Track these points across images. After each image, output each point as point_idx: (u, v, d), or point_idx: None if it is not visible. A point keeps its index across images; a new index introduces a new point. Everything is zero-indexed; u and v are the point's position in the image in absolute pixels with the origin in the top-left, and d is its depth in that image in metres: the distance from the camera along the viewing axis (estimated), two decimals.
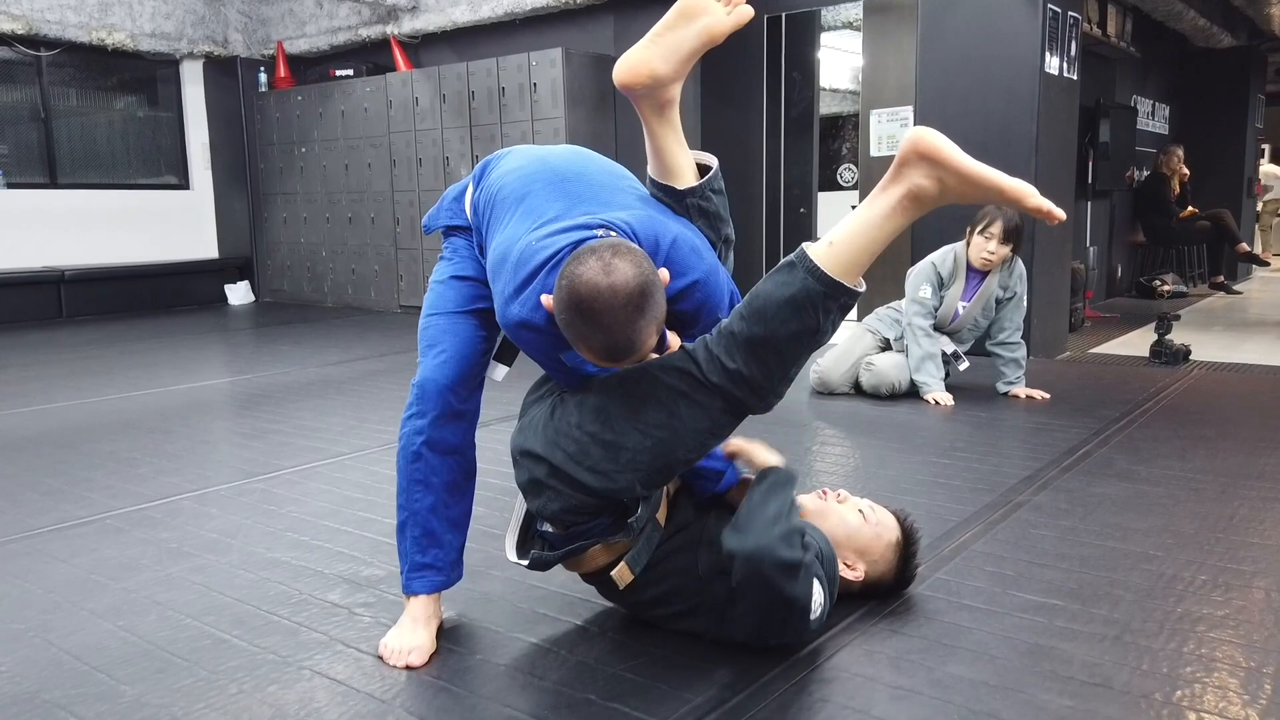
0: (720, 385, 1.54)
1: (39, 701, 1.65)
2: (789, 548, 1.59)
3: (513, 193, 1.72)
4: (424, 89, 7.25)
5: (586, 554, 1.75)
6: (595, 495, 1.63)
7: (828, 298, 1.51)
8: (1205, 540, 2.31)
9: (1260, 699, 1.58)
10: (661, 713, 1.55)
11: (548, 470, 1.64)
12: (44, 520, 2.64)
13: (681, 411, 1.56)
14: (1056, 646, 1.76)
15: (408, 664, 1.75)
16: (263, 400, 4.29)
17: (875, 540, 1.91)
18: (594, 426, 1.60)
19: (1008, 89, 4.83)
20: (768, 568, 1.58)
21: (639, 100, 1.64)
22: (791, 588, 1.60)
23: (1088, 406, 3.82)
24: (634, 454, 1.58)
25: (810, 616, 1.67)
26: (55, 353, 5.91)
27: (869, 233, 1.54)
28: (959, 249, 3.97)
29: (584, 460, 1.60)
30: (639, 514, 1.70)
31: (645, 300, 1.48)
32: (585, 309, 1.46)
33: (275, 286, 8.74)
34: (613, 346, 1.50)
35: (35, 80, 7.66)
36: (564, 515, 1.68)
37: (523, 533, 1.85)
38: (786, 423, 3.66)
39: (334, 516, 2.62)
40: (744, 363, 1.52)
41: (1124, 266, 8.06)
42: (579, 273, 1.47)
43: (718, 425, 1.59)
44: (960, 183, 1.51)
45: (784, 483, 1.71)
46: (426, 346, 1.83)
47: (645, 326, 1.49)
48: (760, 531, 1.60)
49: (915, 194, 1.52)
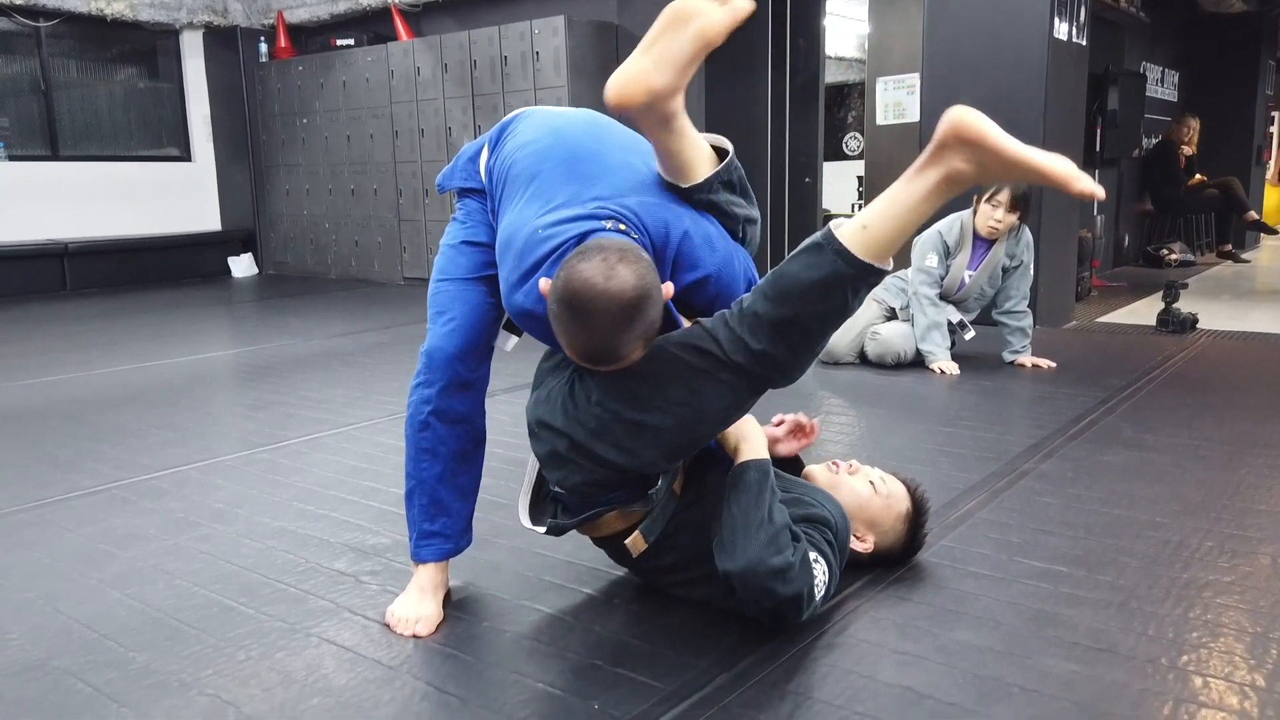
0: (745, 365, 1.52)
1: (49, 669, 1.66)
2: (777, 553, 1.59)
3: (524, 170, 1.68)
4: (425, 58, 7.20)
5: (602, 520, 1.75)
6: (618, 471, 1.62)
7: (858, 279, 1.48)
8: (1211, 507, 2.31)
9: (1266, 663, 1.58)
10: (669, 679, 1.56)
11: (569, 445, 1.63)
12: (51, 491, 2.65)
13: (704, 389, 1.54)
14: (1062, 613, 1.77)
15: (415, 633, 1.75)
16: (268, 372, 4.29)
17: (885, 512, 1.91)
18: (615, 404, 1.57)
19: (1016, 55, 4.77)
20: (763, 579, 1.59)
21: (639, 118, 1.53)
22: (789, 589, 1.61)
23: (1094, 375, 3.81)
24: (656, 431, 1.56)
25: (816, 597, 1.67)
26: (60, 326, 5.91)
27: (904, 215, 1.49)
28: (966, 217, 3.94)
29: (606, 437, 1.59)
30: (659, 486, 1.70)
31: (638, 313, 1.45)
32: (576, 307, 1.44)
33: (279, 259, 8.73)
34: (594, 351, 1.48)
35: (35, 52, 7.61)
36: (584, 487, 1.68)
37: (535, 495, 1.84)
38: (792, 392, 3.64)
39: (339, 486, 2.62)
40: (769, 343, 1.50)
41: (1131, 235, 8.01)
42: (580, 269, 1.44)
43: (740, 401, 1.58)
44: (1001, 165, 1.47)
45: (756, 483, 1.67)
46: (436, 313, 1.81)
47: (632, 339, 1.47)
48: (746, 546, 1.60)
49: (954, 177, 1.48)
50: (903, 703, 1.48)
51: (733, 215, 1.69)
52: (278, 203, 8.59)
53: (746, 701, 1.49)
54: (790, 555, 1.61)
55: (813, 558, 1.68)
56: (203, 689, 1.57)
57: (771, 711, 1.46)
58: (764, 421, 1.91)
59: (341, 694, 1.55)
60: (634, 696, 1.51)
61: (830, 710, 1.46)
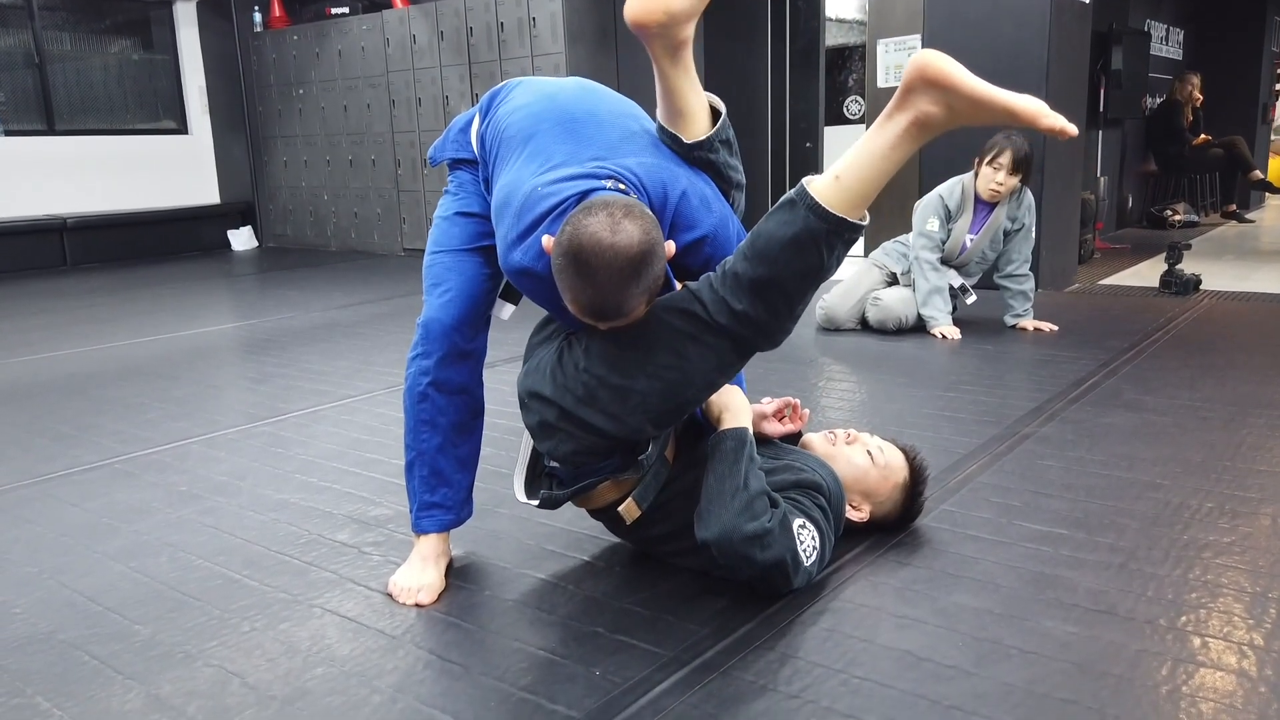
0: (728, 327, 1.51)
1: (54, 642, 1.67)
2: (751, 520, 1.60)
3: (520, 131, 1.68)
4: (421, 26, 7.12)
5: (595, 490, 1.76)
6: (607, 437, 1.62)
7: (831, 234, 1.47)
8: (1212, 468, 2.30)
9: (1265, 623, 1.58)
10: (669, 644, 1.57)
11: (558, 414, 1.63)
12: (54, 465, 2.66)
13: (689, 353, 1.54)
14: (1061, 575, 1.77)
15: (417, 602, 1.76)
16: (269, 345, 4.29)
17: (882, 482, 1.91)
18: (601, 370, 1.58)
19: (1018, 15, 4.71)
20: (739, 546, 1.60)
21: (651, 40, 1.54)
22: (768, 554, 1.61)
23: (1096, 338, 3.79)
24: (643, 396, 1.56)
25: (804, 564, 1.67)
26: (61, 300, 5.91)
27: (875, 164, 1.49)
28: (967, 180, 3.90)
29: (593, 404, 1.59)
30: (649, 452, 1.70)
31: (644, 268, 1.45)
32: (582, 262, 1.43)
33: (278, 231, 8.70)
34: (600, 306, 1.47)
35: (27, 24, 7.53)
36: (575, 457, 1.68)
37: (530, 471, 1.85)
38: (793, 359, 3.65)
39: (341, 458, 2.63)
40: (750, 305, 1.49)
41: (1135, 196, 7.95)
42: (585, 224, 1.44)
43: (725, 364, 1.57)
44: (970, 106, 1.46)
45: (733, 451, 1.68)
46: (431, 285, 1.81)
47: (637, 294, 1.47)
48: (720, 514, 1.61)
49: (922, 121, 1.47)
50: (902, 665, 1.48)
51: (727, 178, 1.68)
52: (276, 175, 8.55)
53: (746, 666, 1.50)
54: (766, 521, 1.61)
55: (799, 523, 1.68)
56: (208, 660, 1.59)
57: (771, 676, 1.47)
58: (754, 401, 1.91)
59: (345, 664, 1.56)
60: (634, 662, 1.52)
61: (829, 674, 1.47)
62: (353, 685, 1.50)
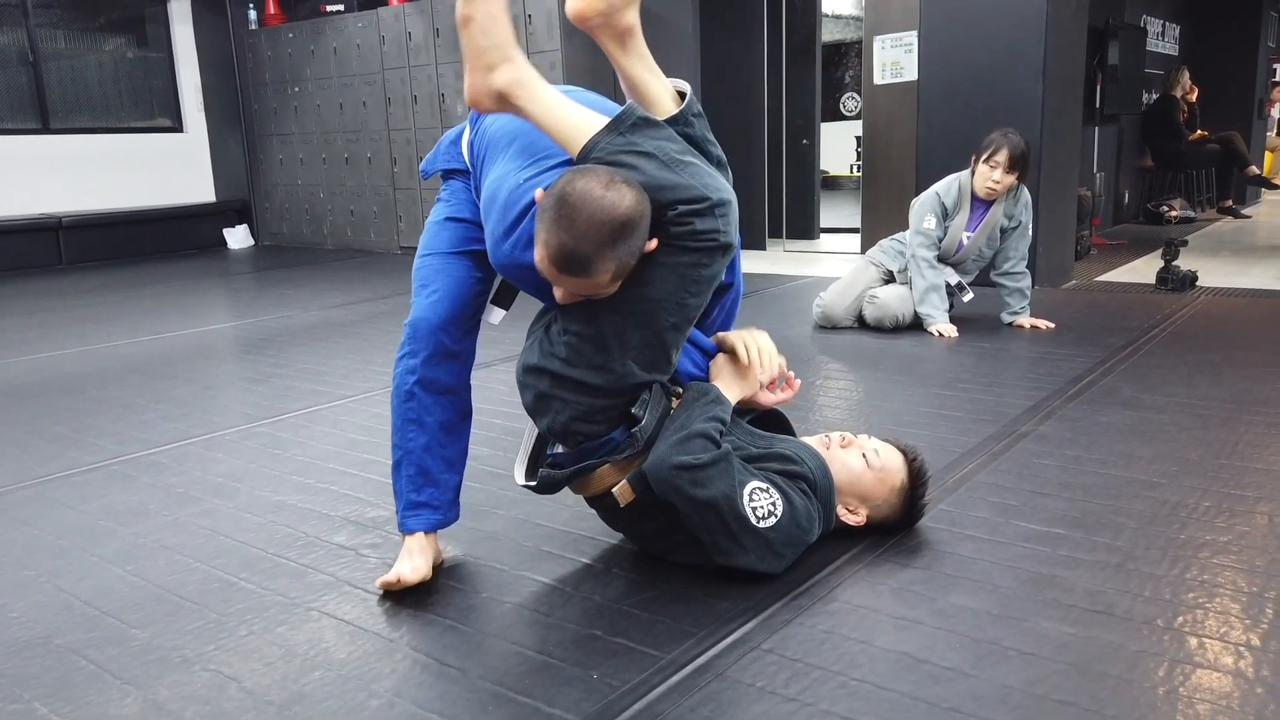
0: (680, 223, 1.55)
1: (52, 646, 1.67)
2: (683, 452, 1.63)
3: (505, 133, 1.72)
4: (417, 23, 7.10)
5: (595, 475, 1.76)
6: (601, 393, 1.66)
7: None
8: (1209, 467, 2.31)
9: (1262, 623, 1.58)
10: (667, 646, 1.57)
11: (550, 381, 1.68)
12: (52, 467, 2.66)
13: (649, 277, 1.58)
14: (1059, 575, 1.77)
15: (399, 577, 1.77)
16: (266, 344, 4.29)
17: (878, 486, 1.90)
18: (577, 325, 1.64)
19: (1015, 10, 4.71)
20: (668, 475, 1.64)
21: (597, 32, 1.61)
22: (700, 491, 1.63)
23: (1093, 335, 3.80)
24: (619, 335, 1.62)
25: (753, 523, 1.67)
26: (57, 300, 5.90)
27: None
28: (964, 178, 3.90)
29: (579, 361, 1.65)
30: (644, 422, 1.70)
31: (625, 233, 1.47)
32: (568, 205, 1.46)
33: (274, 229, 8.69)
34: (570, 254, 1.48)
35: (22, 22, 7.51)
36: (574, 425, 1.71)
37: (532, 460, 1.87)
38: (790, 357, 3.63)
39: (339, 459, 2.63)
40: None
41: (1131, 192, 7.96)
42: (582, 175, 1.49)
43: (686, 280, 1.59)
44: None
45: (691, 400, 1.74)
46: (419, 286, 1.84)
47: (609, 257, 1.49)
48: (658, 446, 1.67)
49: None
50: (900, 667, 1.49)
51: (708, 153, 1.70)
52: (272, 173, 8.53)
53: (744, 669, 1.50)
54: (697, 456, 1.63)
55: (756, 484, 1.70)
56: (205, 664, 1.59)
57: (769, 679, 1.47)
58: None
59: (343, 667, 1.56)
60: (632, 665, 1.52)
61: (828, 676, 1.47)
62: (350, 689, 1.50)
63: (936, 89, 5.01)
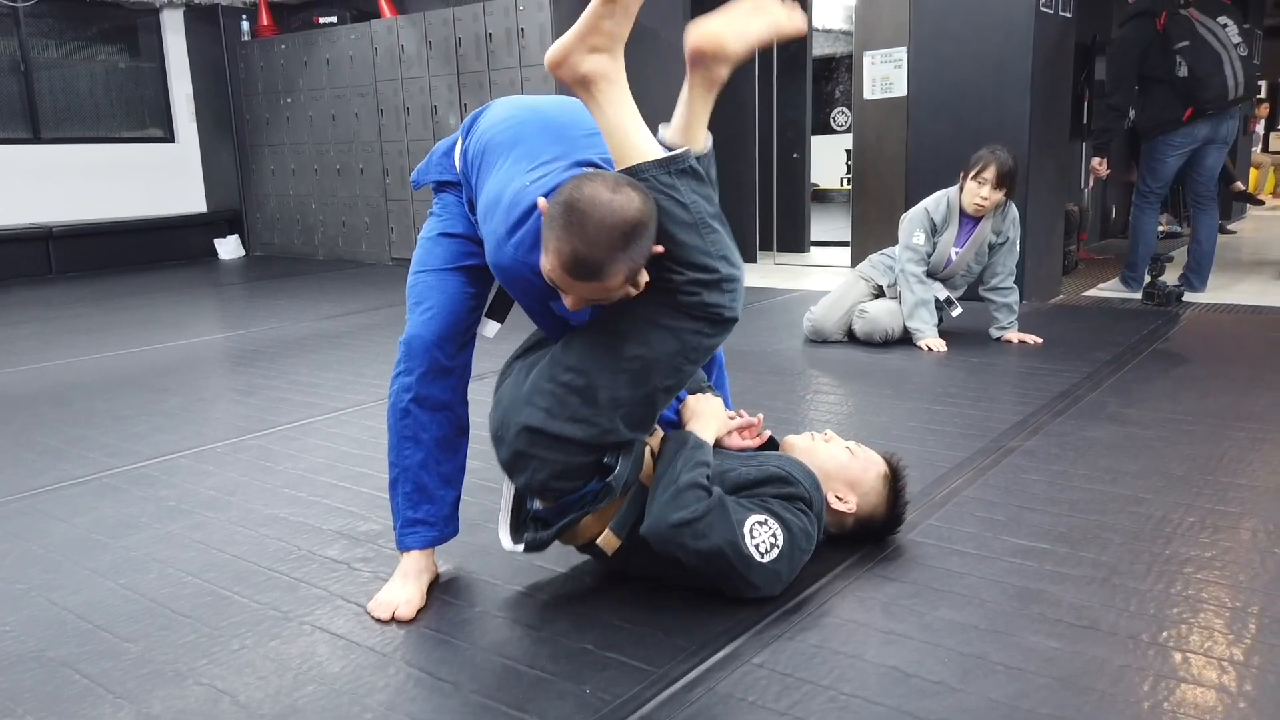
0: (689, 293, 1.55)
1: (44, 660, 1.67)
2: (677, 510, 1.64)
3: (505, 140, 1.71)
4: (410, 35, 7.13)
5: (579, 526, 1.76)
6: (582, 447, 1.64)
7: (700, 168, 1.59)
8: (1194, 482, 2.34)
9: (1245, 638, 1.61)
10: (658, 661, 1.58)
11: (528, 438, 1.65)
12: (42, 480, 2.65)
13: (651, 338, 1.58)
14: (1045, 590, 1.79)
15: (394, 615, 1.77)
16: (257, 356, 4.29)
17: (864, 472, 1.95)
18: (567, 376, 1.62)
19: (1003, 28, 4.76)
20: (668, 534, 1.65)
21: (697, 68, 1.58)
22: (703, 543, 1.65)
23: (1080, 350, 3.83)
24: (611, 391, 1.60)
25: (758, 559, 1.69)
26: (47, 310, 5.88)
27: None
28: (952, 194, 3.94)
29: (562, 413, 1.62)
30: (618, 470, 1.68)
31: (635, 235, 1.47)
32: (577, 211, 1.46)
33: (265, 240, 8.68)
34: (582, 259, 1.47)
35: (14, 31, 7.50)
36: (553, 483, 1.69)
37: (514, 517, 1.83)
38: (780, 371, 3.68)
39: (331, 472, 2.63)
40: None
41: (1119, 206, 8.03)
42: (587, 181, 1.49)
43: (687, 347, 1.59)
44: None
45: (673, 450, 1.73)
46: (414, 303, 1.84)
47: (621, 260, 1.48)
48: (651, 507, 1.67)
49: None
50: (888, 681, 1.50)
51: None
52: (263, 183, 8.53)
53: (735, 683, 1.51)
54: (693, 510, 1.64)
55: (756, 519, 1.70)
56: (198, 678, 1.59)
57: (760, 693, 1.48)
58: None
59: (335, 681, 1.57)
60: (624, 679, 1.53)
61: (818, 691, 1.48)
62: (343, 703, 1.51)
63: (926, 104, 5.06)
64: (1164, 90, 4.83)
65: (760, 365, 3.75)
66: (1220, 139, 5.02)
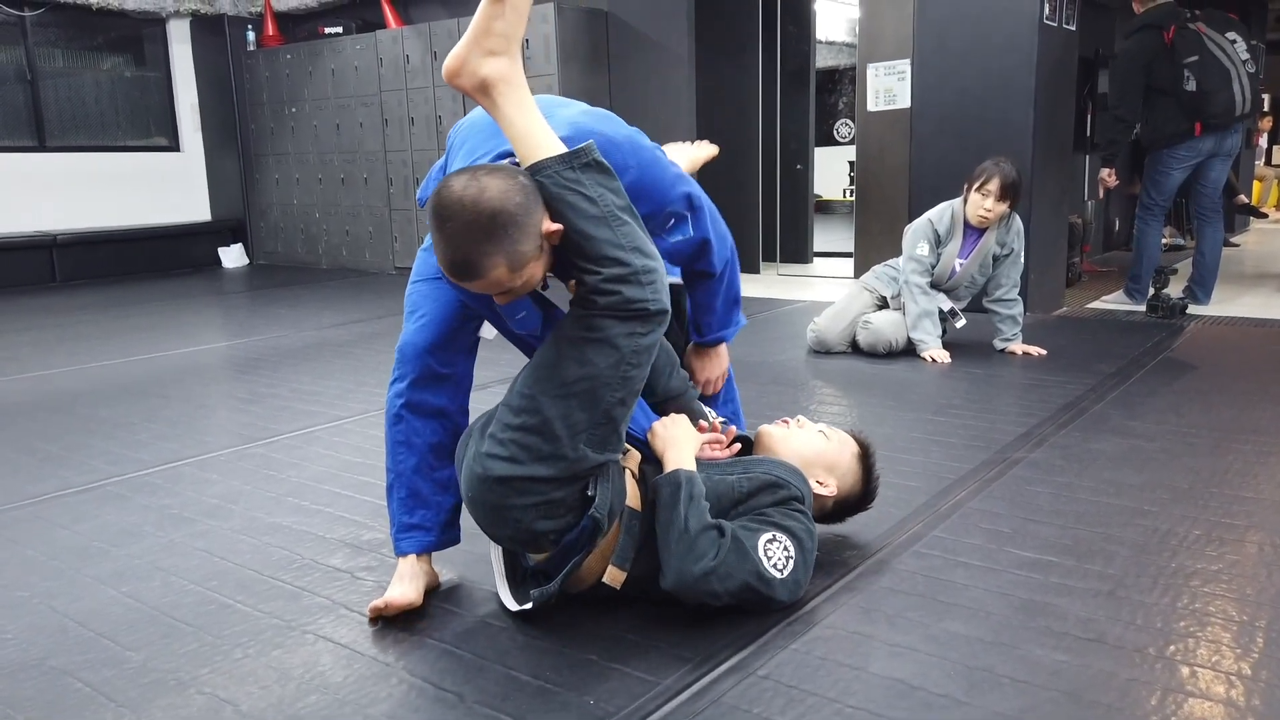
0: (608, 292, 1.52)
1: (46, 668, 1.66)
2: (696, 561, 1.63)
3: (461, 144, 1.75)
4: (415, 46, 7.16)
5: (583, 570, 1.72)
6: (555, 484, 1.60)
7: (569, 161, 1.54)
8: (1199, 495, 2.33)
9: (1253, 652, 1.60)
10: (662, 672, 1.57)
11: (499, 491, 1.61)
12: (44, 487, 2.65)
13: (587, 356, 1.55)
14: (1051, 602, 1.79)
15: (386, 602, 1.77)
16: (260, 364, 4.29)
17: (840, 454, 2.00)
18: (519, 419, 1.59)
19: (1006, 40, 4.77)
20: (696, 586, 1.64)
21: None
22: (729, 584, 1.65)
23: (1084, 362, 3.83)
24: (566, 421, 1.56)
25: (778, 577, 1.69)
26: (50, 318, 5.89)
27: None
28: (956, 206, 3.94)
29: (526, 457, 1.59)
30: (598, 500, 1.64)
31: (495, 226, 1.44)
32: (438, 215, 1.47)
33: (269, 248, 8.70)
34: (454, 263, 1.48)
35: (20, 40, 7.54)
36: (541, 524, 1.64)
37: (511, 576, 1.81)
38: (783, 381, 3.67)
39: (334, 480, 2.63)
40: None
41: (1122, 219, 8.03)
42: (449, 181, 1.48)
43: (625, 352, 1.56)
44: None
45: (669, 497, 1.68)
46: (409, 312, 1.87)
47: (494, 254, 1.46)
48: (669, 562, 1.66)
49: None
50: (894, 694, 1.49)
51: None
52: (267, 192, 8.55)
53: (739, 695, 1.50)
54: (710, 559, 1.63)
55: (766, 538, 1.70)
56: (200, 687, 1.58)
57: (765, 705, 1.48)
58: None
59: (338, 691, 1.56)
60: (628, 691, 1.52)
61: (823, 703, 1.48)
62: (346, 713, 1.50)
63: (929, 116, 5.07)
64: (1170, 103, 4.83)
65: (764, 376, 3.75)
66: (1224, 152, 5.02)
